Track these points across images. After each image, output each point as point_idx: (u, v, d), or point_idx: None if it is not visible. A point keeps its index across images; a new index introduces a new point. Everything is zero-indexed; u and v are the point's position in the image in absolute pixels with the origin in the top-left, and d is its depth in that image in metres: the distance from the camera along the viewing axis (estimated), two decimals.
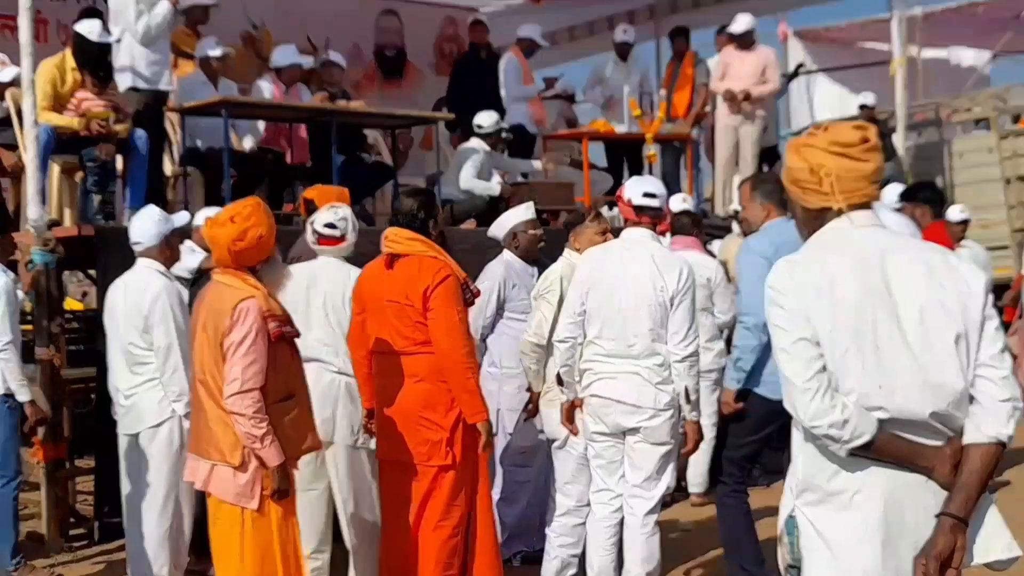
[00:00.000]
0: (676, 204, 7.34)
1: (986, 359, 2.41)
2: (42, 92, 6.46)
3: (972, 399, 2.41)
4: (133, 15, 7.09)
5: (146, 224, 4.98)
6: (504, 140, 8.86)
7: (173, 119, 7.83)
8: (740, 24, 9.67)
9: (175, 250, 5.07)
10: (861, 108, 11.32)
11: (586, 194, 8.99)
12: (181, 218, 5.39)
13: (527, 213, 5.73)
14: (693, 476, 6.84)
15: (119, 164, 6.98)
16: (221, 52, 7.89)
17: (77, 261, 6.75)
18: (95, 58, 6.72)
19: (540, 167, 9.17)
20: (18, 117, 6.79)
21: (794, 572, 2.57)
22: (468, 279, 4.49)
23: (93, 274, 6.84)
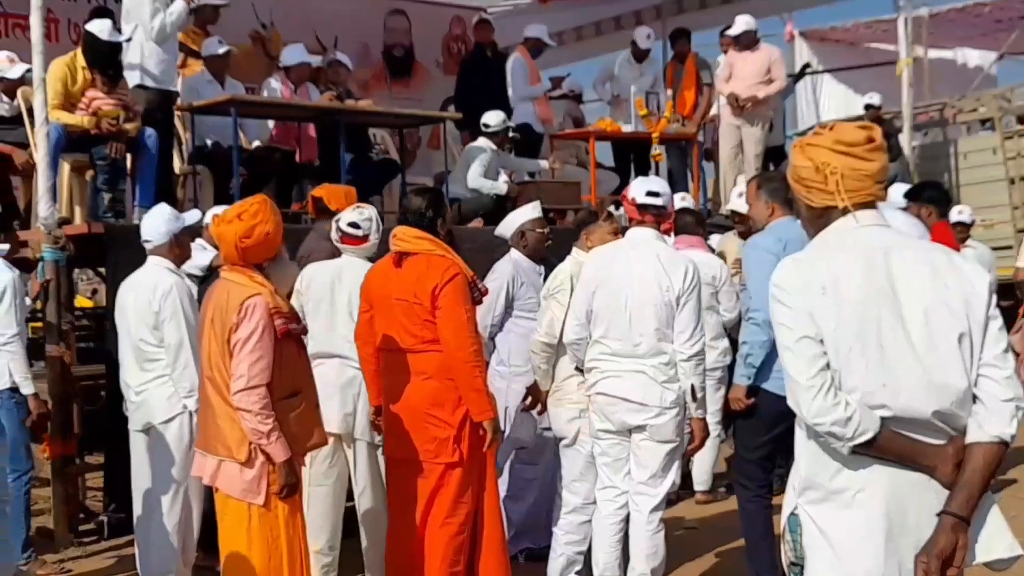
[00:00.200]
0: (675, 203, 7.33)
1: (989, 359, 2.42)
2: (53, 91, 6.50)
3: (975, 398, 2.42)
4: (148, 13, 7.12)
5: (156, 222, 5.00)
6: (511, 139, 8.87)
7: (183, 117, 7.87)
8: (738, 26, 9.67)
9: (185, 248, 5.08)
10: (867, 108, 11.34)
11: (593, 193, 8.98)
12: (192, 216, 5.42)
13: (534, 212, 5.75)
14: (698, 474, 6.85)
15: (129, 162, 7.01)
16: (224, 50, 7.93)
17: (87, 259, 6.79)
18: (105, 57, 6.76)
19: (547, 166, 9.17)
20: (29, 116, 6.82)
21: (797, 570, 2.57)
22: (476, 278, 4.50)
23: (103, 272, 6.88)
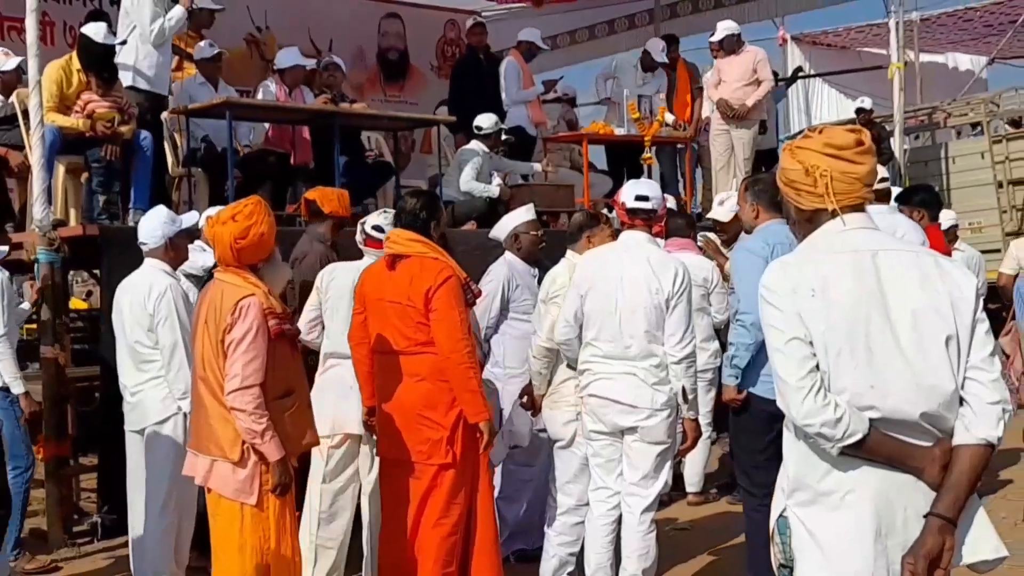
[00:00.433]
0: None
1: (976, 362, 2.43)
2: (48, 93, 6.51)
3: (962, 401, 2.43)
4: (148, 16, 7.13)
5: (152, 225, 5.02)
6: (504, 142, 8.89)
7: (178, 120, 7.89)
8: (719, 31, 9.74)
9: (180, 250, 5.10)
10: (858, 112, 11.40)
11: (585, 196, 9.01)
12: (190, 218, 5.43)
13: (528, 215, 5.78)
14: (690, 475, 6.87)
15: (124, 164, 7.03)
16: (214, 52, 7.95)
17: (82, 261, 6.78)
18: (100, 60, 6.76)
19: (540, 169, 9.20)
20: (24, 118, 6.84)
21: (786, 572, 2.58)
22: (469, 280, 4.52)
23: (98, 274, 6.88)
